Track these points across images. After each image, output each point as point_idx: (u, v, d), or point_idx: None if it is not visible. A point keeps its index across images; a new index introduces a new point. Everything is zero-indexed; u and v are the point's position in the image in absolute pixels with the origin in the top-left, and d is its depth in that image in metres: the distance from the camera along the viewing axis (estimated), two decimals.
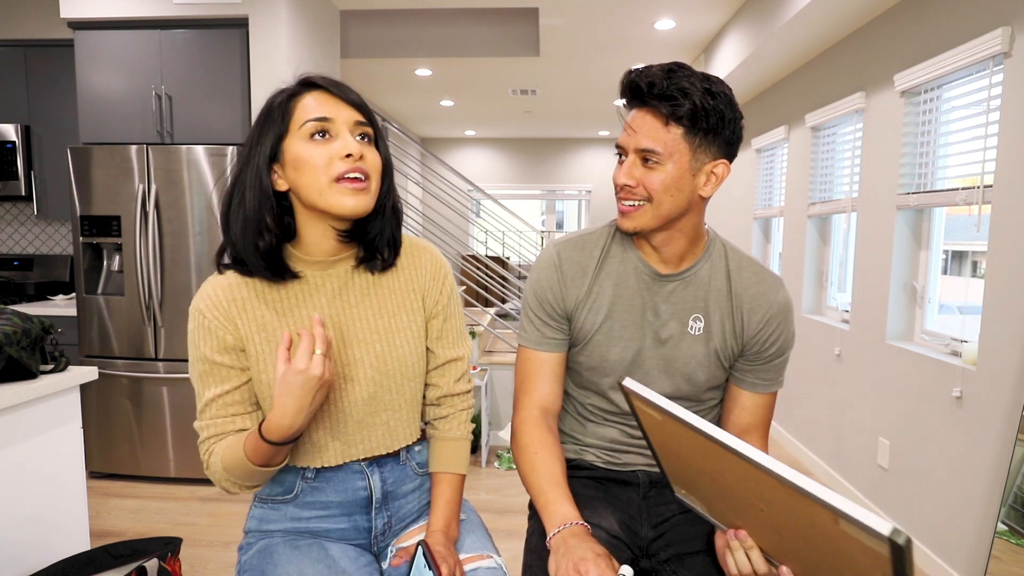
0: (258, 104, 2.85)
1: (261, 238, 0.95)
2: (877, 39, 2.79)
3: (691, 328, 1.10)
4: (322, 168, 0.92)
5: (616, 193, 1.06)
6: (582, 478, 1.19)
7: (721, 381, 1.16)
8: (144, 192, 2.82)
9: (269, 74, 2.84)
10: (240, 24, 2.86)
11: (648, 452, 1.17)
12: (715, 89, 0.98)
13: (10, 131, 3.25)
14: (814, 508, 0.65)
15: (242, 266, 0.98)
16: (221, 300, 0.97)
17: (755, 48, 3.34)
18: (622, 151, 1.05)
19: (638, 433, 1.16)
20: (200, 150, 2.80)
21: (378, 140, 1.00)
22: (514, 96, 5.93)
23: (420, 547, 0.97)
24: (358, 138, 0.96)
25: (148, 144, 2.84)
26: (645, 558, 1.10)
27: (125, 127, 2.92)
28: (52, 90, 3.28)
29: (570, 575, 0.88)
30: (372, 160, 0.96)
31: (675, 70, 0.98)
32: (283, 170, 0.95)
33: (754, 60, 3.54)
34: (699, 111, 0.97)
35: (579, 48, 4.41)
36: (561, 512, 0.98)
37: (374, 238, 1.01)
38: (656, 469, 1.17)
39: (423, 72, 5.10)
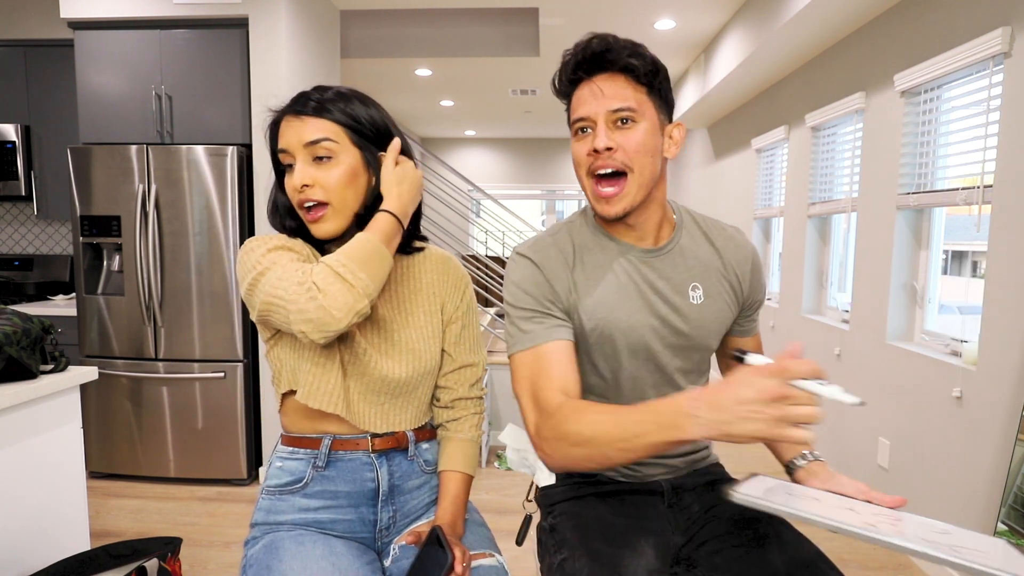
0: (258, 104, 2.85)
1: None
2: (877, 39, 2.79)
3: (692, 298, 1.09)
4: (294, 199, 1.02)
5: (586, 171, 1.02)
6: (604, 495, 1.13)
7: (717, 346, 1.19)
8: (144, 192, 2.82)
9: (269, 74, 2.84)
10: (240, 24, 2.86)
11: (669, 460, 1.15)
12: (648, 53, 1.02)
13: (10, 131, 3.25)
14: None
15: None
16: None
17: (755, 48, 3.34)
18: (587, 123, 1.01)
19: None
20: (200, 150, 2.80)
21: (363, 143, 1.03)
22: (514, 96, 5.93)
23: (436, 530, 0.98)
24: (315, 159, 0.99)
25: (148, 144, 2.84)
26: (677, 564, 1.06)
27: (125, 127, 2.92)
28: (52, 90, 3.28)
29: (764, 412, 0.71)
30: (325, 180, 0.99)
31: (608, 35, 1.01)
32: None
33: (754, 60, 3.54)
34: (652, 70, 1.00)
35: None
36: (672, 399, 0.81)
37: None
38: (674, 476, 1.15)
39: (423, 72, 5.10)
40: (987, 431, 2.03)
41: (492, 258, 7.03)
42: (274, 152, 1.04)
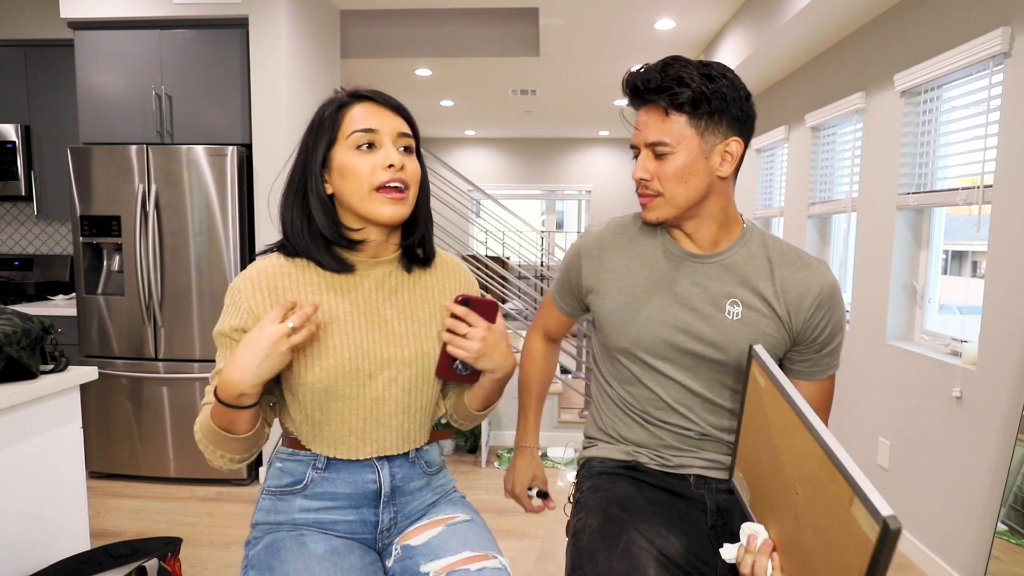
0: (258, 104, 2.85)
1: (332, 239, 1.02)
2: (877, 39, 2.79)
3: (728, 312, 1.08)
4: (365, 177, 0.98)
5: (636, 189, 1.12)
6: (638, 480, 1.16)
7: None
8: (144, 192, 2.82)
9: (269, 74, 2.84)
10: (240, 24, 2.86)
11: (702, 456, 1.16)
12: (713, 73, 1.02)
13: (10, 131, 3.25)
14: (839, 486, 0.74)
15: (287, 250, 1.05)
16: (261, 285, 1.01)
17: (755, 48, 3.34)
18: (634, 150, 1.10)
19: (689, 433, 1.15)
20: (200, 150, 2.80)
21: (418, 150, 1.07)
22: (514, 96, 5.93)
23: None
24: (401, 149, 1.02)
25: (148, 144, 2.84)
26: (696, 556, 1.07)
27: (125, 127, 2.92)
28: (52, 90, 3.28)
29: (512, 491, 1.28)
30: (412, 170, 1.02)
31: (670, 63, 1.03)
32: (329, 176, 1.02)
33: (754, 60, 3.54)
34: (698, 96, 1.00)
35: (579, 48, 4.41)
36: (524, 433, 1.35)
37: (411, 240, 1.08)
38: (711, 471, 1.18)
39: (423, 72, 5.10)
40: (987, 431, 2.03)
41: (492, 258, 7.03)
42: (335, 134, 1.00)
